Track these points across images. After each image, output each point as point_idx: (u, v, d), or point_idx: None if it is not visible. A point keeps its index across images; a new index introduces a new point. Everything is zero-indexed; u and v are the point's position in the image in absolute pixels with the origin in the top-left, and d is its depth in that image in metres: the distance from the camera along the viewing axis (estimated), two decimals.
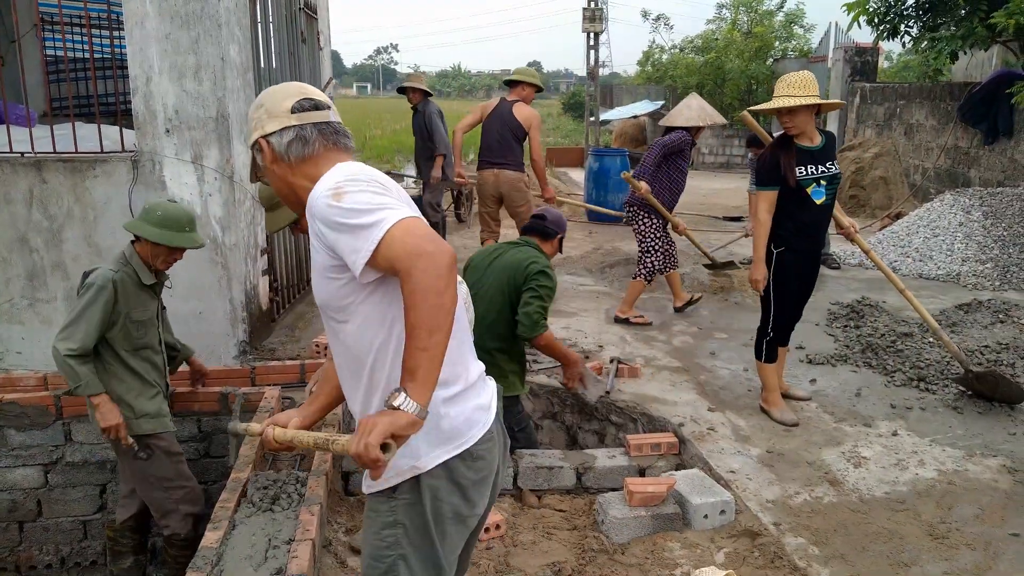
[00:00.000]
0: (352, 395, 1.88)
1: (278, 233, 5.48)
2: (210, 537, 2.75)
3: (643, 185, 5.77)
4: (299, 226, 2.89)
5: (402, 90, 8.22)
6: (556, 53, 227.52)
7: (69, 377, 3.37)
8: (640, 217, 5.96)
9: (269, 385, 4.32)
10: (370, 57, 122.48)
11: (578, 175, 13.48)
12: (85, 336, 3.35)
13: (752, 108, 4.55)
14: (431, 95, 8.05)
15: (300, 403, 4.16)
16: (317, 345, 4.89)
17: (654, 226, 5.93)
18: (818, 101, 4.06)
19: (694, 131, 5.85)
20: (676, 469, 3.87)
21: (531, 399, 4.87)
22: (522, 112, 6.41)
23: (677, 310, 6.29)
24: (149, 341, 3.59)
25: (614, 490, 3.64)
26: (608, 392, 4.63)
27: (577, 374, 4.09)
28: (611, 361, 4.97)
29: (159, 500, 3.65)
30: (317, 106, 1.89)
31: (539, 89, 6.66)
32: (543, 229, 4.11)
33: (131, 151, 4.56)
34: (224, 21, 4.48)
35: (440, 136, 7.84)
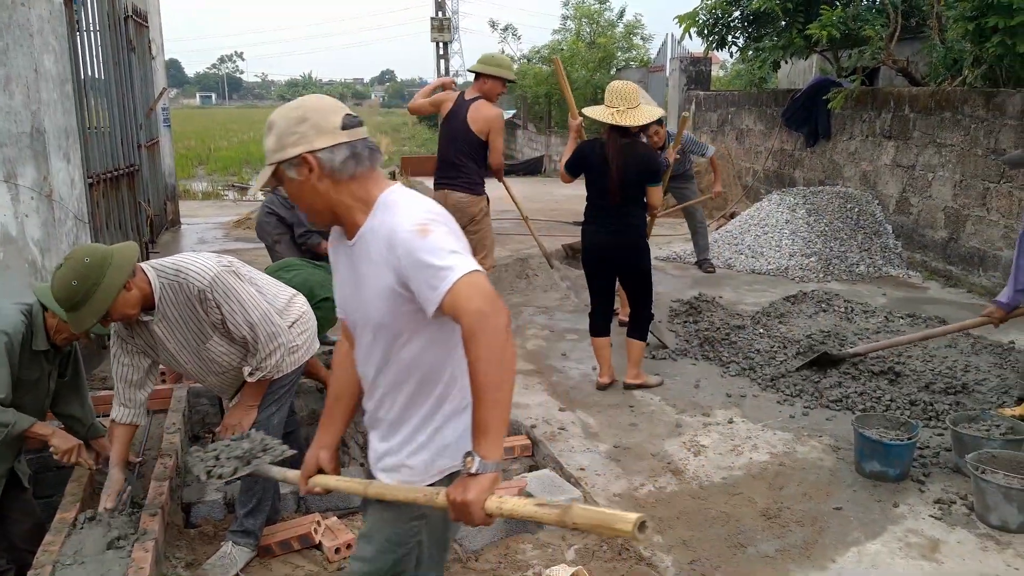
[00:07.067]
0: (410, 411, 1.93)
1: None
2: None
3: None
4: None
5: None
6: (410, 62, 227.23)
7: None
8: None
9: (102, 416, 4.05)
10: (214, 66, 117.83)
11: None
12: (5, 383, 2.94)
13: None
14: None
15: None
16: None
17: None
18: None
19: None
20: (529, 471, 3.94)
21: None
22: (479, 114, 5.33)
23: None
24: (21, 401, 3.12)
25: None
26: None
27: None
28: None
29: None
30: (361, 123, 1.88)
31: (509, 81, 5.52)
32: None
33: None
34: (36, 30, 4.19)
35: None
